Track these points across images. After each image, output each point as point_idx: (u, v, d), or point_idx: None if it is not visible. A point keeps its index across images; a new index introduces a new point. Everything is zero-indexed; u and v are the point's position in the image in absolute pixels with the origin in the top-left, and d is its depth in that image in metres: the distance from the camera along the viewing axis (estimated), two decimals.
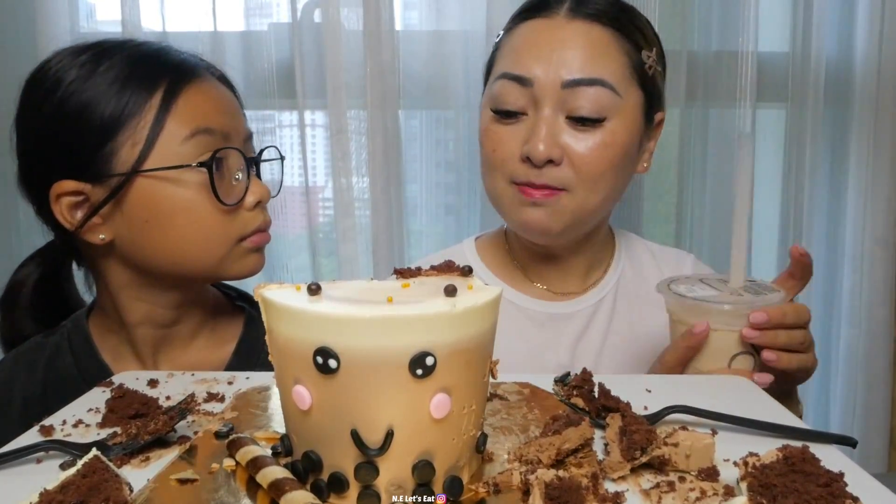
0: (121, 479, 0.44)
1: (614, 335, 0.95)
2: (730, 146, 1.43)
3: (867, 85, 1.41)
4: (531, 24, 0.88)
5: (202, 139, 0.78)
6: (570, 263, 0.96)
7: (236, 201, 0.80)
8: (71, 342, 0.87)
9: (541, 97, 0.83)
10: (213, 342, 0.90)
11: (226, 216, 0.80)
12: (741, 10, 1.38)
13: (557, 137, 0.83)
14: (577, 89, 0.82)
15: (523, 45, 0.87)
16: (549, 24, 0.86)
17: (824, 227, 1.50)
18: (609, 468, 0.48)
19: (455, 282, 0.48)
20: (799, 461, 0.44)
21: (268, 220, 0.85)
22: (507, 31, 0.91)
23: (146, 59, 0.81)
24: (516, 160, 0.85)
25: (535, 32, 0.87)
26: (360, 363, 0.41)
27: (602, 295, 0.96)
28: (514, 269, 0.99)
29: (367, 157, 1.40)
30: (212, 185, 0.77)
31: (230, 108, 0.84)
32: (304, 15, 1.39)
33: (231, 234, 0.81)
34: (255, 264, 0.85)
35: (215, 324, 0.91)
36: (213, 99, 0.82)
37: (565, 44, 0.84)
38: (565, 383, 0.63)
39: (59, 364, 0.86)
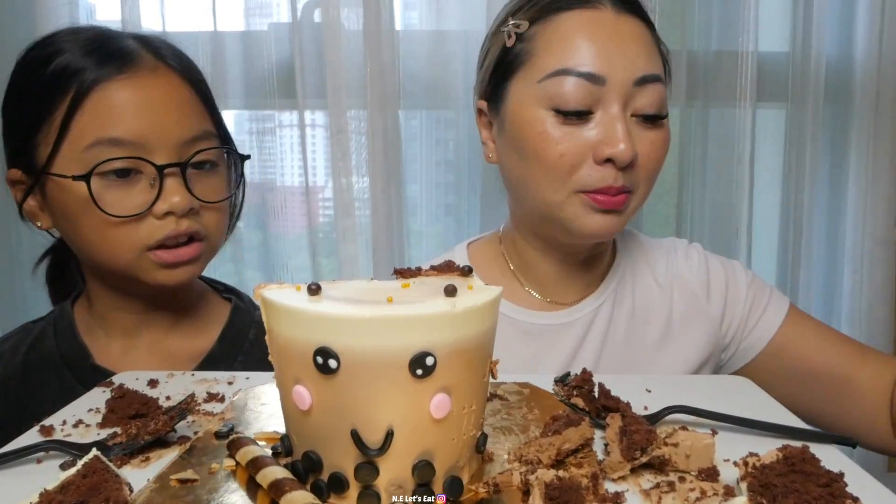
0: (121, 479, 0.44)
1: (612, 342, 0.90)
2: (730, 146, 1.43)
3: (867, 85, 1.41)
4: (577, 14, 0.81)
5: (104, 149, 0.76)
6: (573, 271, 0.92)
7: (139, 211, 0.77)
8: (56, 326, 0.90)
9: (613, 95, 0.78)
10: (195, 330, 0.91)
11: (128, 224, 0.78)
12: (741, 10, 1.38)
13: (632, 137, 0.79)
14: (645, 87, 0.79)
15: (582, 35, 0.79)
16: (598, 16, 0.80)
17: (824, 227, 1.50)
18: (609, 468, 0.48)
19: (455, 282, 0.48)
20: (799, 461, 0.44)
21: (181, 230, 0.79)
22: (538, 20, 0.83)
23: (71, 55, 0.79)
24: (589, 164, 0.79)
25: (589, 25, 0.80)
26: (360, 363, 0.41)
27: (600, 301, 0.91)
28: (509, 277, 0.94)
29: (367, 157, 1.40)
30: (91, 198, 0.76)
31: (157, 109, 0.78)
32: (304, 15, 1.39)
33: (135, 243, 0.79)
34: (167, 279, 0.81)
35: (198, 312, 0.93)
36: (128, 103, 0.77)
37: (625, 38, 0.79)
38: (565, 383, 0.63)
39: (41, 346, 0.89)
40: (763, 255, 1.49)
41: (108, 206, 0.77)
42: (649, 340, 0.90)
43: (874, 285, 1.44)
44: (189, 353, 0.89)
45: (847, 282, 1.48)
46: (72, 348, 0.88)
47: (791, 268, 1.45)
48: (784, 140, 1.45)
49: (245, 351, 0.90)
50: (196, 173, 0.81)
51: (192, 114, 0.82)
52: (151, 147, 0.77)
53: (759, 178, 1.45)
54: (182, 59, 0.85)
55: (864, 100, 1.42)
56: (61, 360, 0.87)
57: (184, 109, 0.81)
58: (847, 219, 1.48)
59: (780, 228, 1.48)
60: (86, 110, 0.76)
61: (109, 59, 0.78)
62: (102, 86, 0.77)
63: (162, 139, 0.78)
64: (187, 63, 0.85)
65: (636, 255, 0.97)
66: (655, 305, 0.92)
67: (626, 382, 0.66)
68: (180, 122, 0.80)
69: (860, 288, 1.46)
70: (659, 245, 0.99)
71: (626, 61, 0.78)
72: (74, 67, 0.77)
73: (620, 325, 0.91)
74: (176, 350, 0.89)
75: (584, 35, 0.79)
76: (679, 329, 0.91)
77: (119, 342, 0.89)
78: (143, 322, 0.88)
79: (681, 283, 0.93)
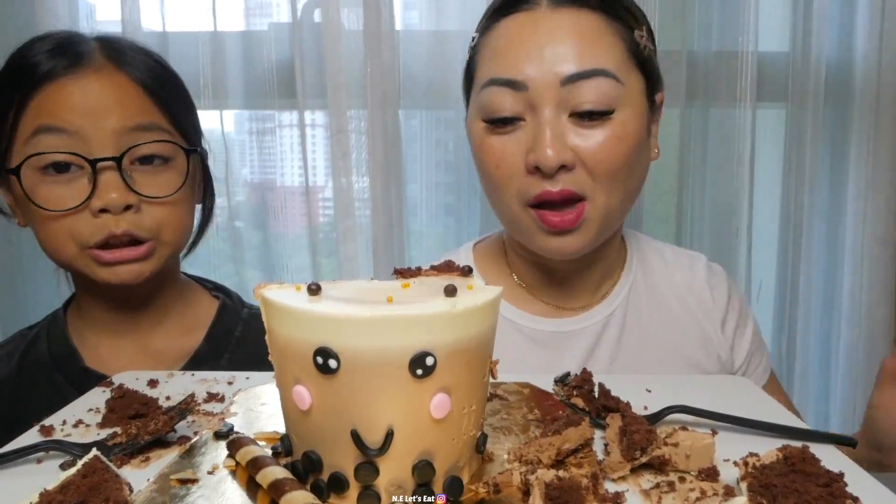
0: (121, 479, 0.44)
1: (624, 351, 0.87)
2: (730, 146, 1.43)
3: (867, 85, 1.41)
4: (511, 20, 0.79)
5: (44, 139, 0.76)
6: (581, 277, 0.88)
7: (72, 206, 0.77)
8: (49, 330, 0.91)
9: (538, 99, 0.75)
10: (181, 328, 0.92)
11: (66, 220, 0.78)
12: (741, 10, 1.38)
13: (565, 139, 0.75)
14: (577, 84, 0.74)
15: (507, 44, 0.78)
16: (531, 17, 0.78)
17: (824, 227, 1.50)
18: (609, 468, 0.48)
19: (455, 282, 0.48)
20: (799, 461, 0.44)
21: (117, 232, 0.78)
22: (484, 31, 0.82)
23: (22, 56, 0.80)
24: (523, 174, 0.77)
25: (518, 28, 0.78)
26: (360, 363, 0.41)
27: (612, 308, 0.88)
28: (514, 283, 0.90)
29: (367, 157, 1.40)
30: (23, 192, 0.77)
31: (97, 104, 0.78)
32: (304, 15, 1.39)
33: (75, 240, 0.79)
34: (110, 277, 0.80)
35: (184, 311, 0.93)
36: (72, 94, 0.77)
37: (555, 36, 0.76)
38: (565, 383, 0.63)
39: (34, 351, 0.90)
40: (763, 255, 1.49)
41: (44, 201, 0.77)
42: (662, 353, 0.87)
43: (874, 285, 1.44)
44: (176, 352, 0.89)
45: (847, 282, 1.48)
46: (62, 351, 0.88)
47: (791, 268, 1.45)
48: (784, 140, 1.45)
49: (231, 349, 0.91)
50: (142, 169, 0.80)
51: (133, 107, 0.80)
52: (88, 138, 0.77)
53: (759, 178, 1.45)
54: (138, 59, 0.83)
55: (864, 100, 1.42)
56: (52, 363, 0.88)
57: (125, 103, 0.79)
58: (847, 219, 1.48)
59: (780, 228, 1.48)
60: (32, 105, 0.78)
61: (60, 58, 0.79)
62: (50, 83, 0.78)
63: (98, 129, 0.77)
64: (142, 62, 0.83)
65: (652, 263, 0.93)
66: (671, 319, 0.89)
67: (626, 382, 0.66)
68: (119, 113, 0.78)
69: (860, 288, 1.46)
70: (682, 256, 0.95)
71: (551, 61, 0.75)
72: (28, 66, 0.79)
73: (633, 335, 0.88)
74: (163, 348, 0.90)
75: (512, 41, 0.78)
76: (693, 348, 0.89)
77: (106, 342, 0.89)
78: (128, 321, 0.89)
79: (700, 303, 0.90)
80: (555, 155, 0.74)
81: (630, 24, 0.79)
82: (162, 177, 0.81)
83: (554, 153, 0.74)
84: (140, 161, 0.80)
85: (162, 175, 0.81)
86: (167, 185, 0.81)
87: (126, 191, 0.78)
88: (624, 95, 0.76)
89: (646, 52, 0.80)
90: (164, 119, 0.82)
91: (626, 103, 0.76)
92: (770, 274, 1.49)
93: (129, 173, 0.79)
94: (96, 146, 0.77)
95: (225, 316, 0.94)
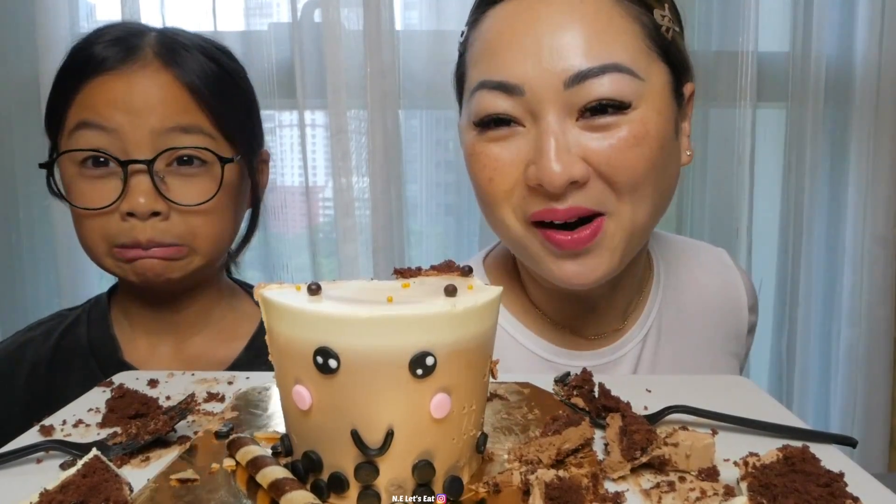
0: (121, 479, 0.44)
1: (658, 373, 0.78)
2: (730, 146, 1.43)
3: (867, 85, 1.41)
4: (502, 8, 0.66)
5: (83, 134, 0.76)
6: (610, 302, 0.75)
7: (102, 205, 0.76)
8: (90, 314, 0.91)
9: (538, 105, 0.63)
10: (221, 336, 0.90)
11: (97, 218, 0.77)
12: (741, 10, 1.38)
13: (573, 149, 0.62)
14: (584, 84, 0.61)
15: (499, 39, 0.65)
16: (525, 4, 0.65)
17: (824, 227, 1.50)
18: (609, 468, 0.48)
19: (455, 282, 0.48)
20: (799, 461, 0.44)
21: (140, 239, 0.76)
22: (473, 23, 0.69)
23: (81, 47, 0.81)
24: (523, 187, 0.65)
25: (510, 18, 0.65)
26: (360, 363, 0.41)
27: (645, 331, 0.77)
28: (533, 310, 0.77)
29: (367, 157, 1.40)
30: (55, 186, 0.79)
31: (139, 102, 0.76)
32: (304, 15, 1.39)
33: (104, 237, 0.78)
34: (132, 276, 0.79)
35: (225, 318, 0.91)
36: (115, 90, 0.76)
37: (555, 25, 0.63)
38: (565, 383, 0.63)
39: (73, 333, 0.89)
40: (763, 255, 1.49)
41: (78, 197, 0.77)
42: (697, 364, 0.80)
43: (874, 285, 1.45)
44: (214, 359, 0.87)
45: (847, 282, 1.48)
46: (102, 339, 0.87)
47: (791, 268, 1.45)
48: (784, 140, 1.46)
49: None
50: (179, 171, 0.78)
51: (175, 107, 0.78)
52: (126, 136, 0.76)
53: (759, 178, 1.45)
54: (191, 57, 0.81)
55: (864, 100, 1.42)
56: (89, 349, 0.87)
57: (167, 102, 0.78)
58: (847, 219, 1.48)
59: (780, 228, 1.48)
60: (78, 99, 0.78)
61: (112, 50, 0.79)
62: (97, 76, 0.77)
63: (137, 128, 0.76)
64: (195, 61, 0.81)
65: (673, 263, 0.82)
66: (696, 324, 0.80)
67: (626, 382, 0.66)
68: (159, 113, 0.77)
69: (860, 288, 1.46)
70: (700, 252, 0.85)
71: (552, 58, 0.62)
72: (83, 57, 0.79)
73: (668, 353, 0.78)
74: (199, 354, 0.88)
75: (503, 34, 0.65)
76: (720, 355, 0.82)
77: (144, 340, 0.88)
78: (165, 323, 0.87)
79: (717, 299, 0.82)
80: (562, 170, 0.61)
81: (649, 2, 0.66)
82: (197, 183, 0.79)
83: (561, 168, 0.61)
84: (178, 163, 0.78)
85: (197, 181, 0.79)
86: (201, 192, 0.78)
87: (155, 196, 0.76)
88: (644, 92, 0.63)
89: (670, 36, 0.67)
90: (207, 122, 0.80)
91: (646, 101, 0.64)
92: (770, 274, 1.49)
93: (161, 176, 0.77)
94: (133, 145, 0.76)
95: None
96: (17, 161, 1.37)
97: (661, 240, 0.86)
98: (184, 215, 0.78)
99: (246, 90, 0.88)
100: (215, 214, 0.80)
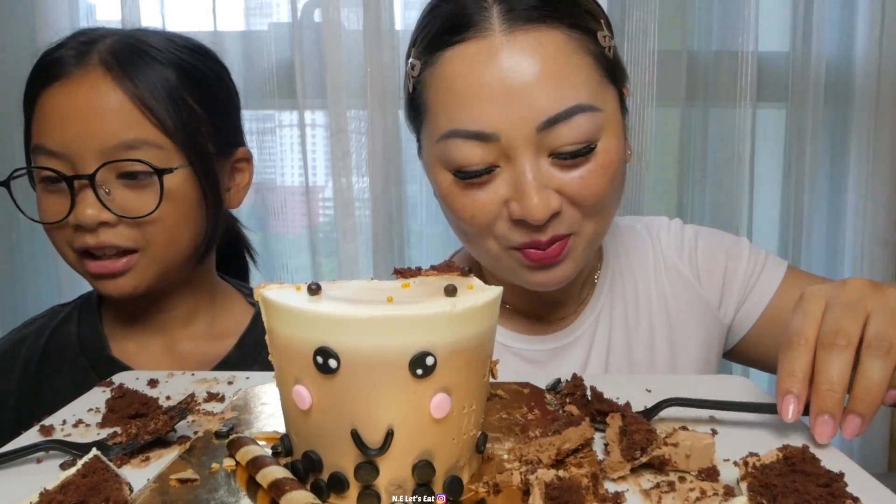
0: (121, 479, 0.44)
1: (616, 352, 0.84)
2: (730, 146, 1.43)
3: (867, 85, 1.41)
4: (462, 51, 0.68)
5: (38, 157, 0.79)
6: (563, 291, 0.82)
7: (55, 220, 0.79)
8: (80, 312, 0.91)
9: (512, 150, 0.67)
10: (211, 334, 0.91)
11: (59, 231, 0.80)
12: (741, 10, 1.38)
13: (549, 185, 0.68)
14: (554, 128, 0.66)
15: (465, 87, 0.67)
16: (486, 46, 0.67)
17: (824, 227, 1.50)
18: (609, 468, 0.48)
19: (455, 282, 0.48)
20: (799, 461, 0.44)
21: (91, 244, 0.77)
22: (429, 62, 0.71)
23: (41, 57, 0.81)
24: (505, 222, 0.70)
25: (474, 65, 0.67)
26: (360, 363, 0.41)
27: (597, 311, 0.85)
28: None
29: (367, 157, 1.41)
30: (14, 203, 0.81)
31: (84, 114, 0.76)
32: (304, 15, 1.39)
33: (68, 245, 0.80)
34: (102, 289, 0.81)
35: (215, 316, 0.92)
36: (59, 108, 0.77)
37: (520, 73, 0.66)
38: (557, 391, 0.62)
39: (63, 331, 0.90)
40: None
41: (39, 212, 0.81)
42: (651, 342, 0.85)
43: None
44: (204, 357, 0.88)
45: None
46: (91, 336, 0.89)
47: None
48: (784, 140, 1.46)
49: (262, 360, 0.89)
50: (126, 184, 0.78)
51: (119, 122, 0.77)
52: (75, 156, 0.76)
53: (759, 178, 1.45)
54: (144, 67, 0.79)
55: (864, 100, 1.42)
56: (79, 347, 0.88)
57: (111, 118, 0.76)
58: (847, 219, 1.48)
59: (780, 228, 1.48)
60: (37, 112, 0.79)
61: (50, 65, 0.79)
62: (44, 93, 0.79)
63: (83, 145, 0.76)
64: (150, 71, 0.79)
65: (621, 248, 0.88)
66: (651, 301, 0.86)
67: (626, 383, 0.66)
68: (104, 130, 0.76)
69: None
70: (643, 229, 0.89)
71: (522, 106, 0.66)
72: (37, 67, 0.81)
73: (620, 332, 0.85)
74: (189, 352, 0.89)
75: (469, 83, 0.67)
76: (678, 323, 0.85)
77: (133, 338, 0.89)
78: (153, 320, 0.89)
79: (671, 270, 0.86)
80: (543, 206, 0.67)
81: (592, 26, 0.70)
82: (142, 194, 0.78)
83: (541, 202, 0.67)
84: (125, 176, 0.77)
85: (142, 192, 0.78)
86: (145, 203, 0.78)
87: (100, 208, 0.76)
88: (604, 122, 0.69)
89: (612, 54, 0.72)
90: (155, 131, 0.78)
91: (606, 130, 0.69)
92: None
93: (107, 189, 0.77)
94: (80, 161, 0.76)
95: (260, 324, 0.91)
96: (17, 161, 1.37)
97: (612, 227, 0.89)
98: (133, 225, 0.78)
99: (217, 92, 0.86)
100: (165, 222, 0.80)
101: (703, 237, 0.88)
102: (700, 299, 0.86)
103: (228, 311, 0.93)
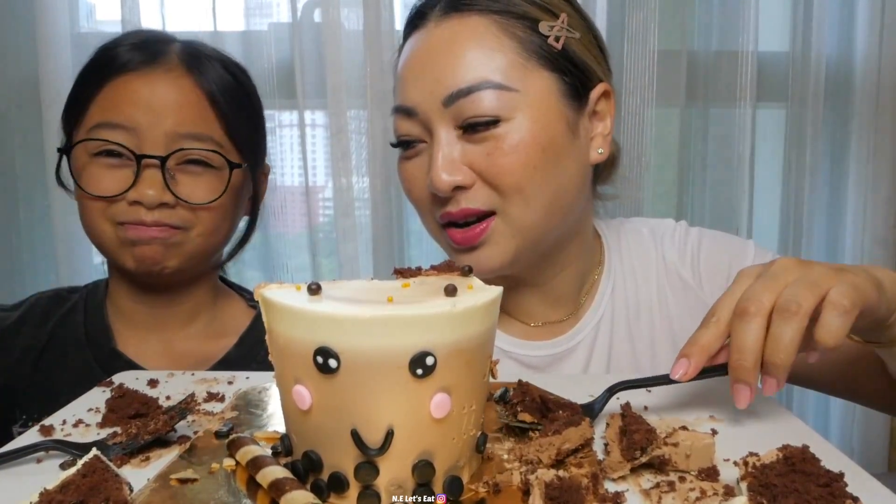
0: (121, 479, 0.44)
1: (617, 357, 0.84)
2: (730, 146, 1.43)
3: (867, 85, 1.41)
4: (413, 38, 0.77)
5: (101, 131, 0.80)
6: (554, 287, 0.82)
7: (111, 194, 0.80)
8: (87, 302, 0.92)
9: (428, 123, 0.73)
10: (209, 334, 0.92)
11: (102, 204, 0.81)
12: (741, 10, 1.38)
13: (458, 158, 0.72)
14: (459, 102, 0.71)
15: (402, 68, 0.77)
16: (422, 34, 0.76)
17: (824, 227, 1.50)
18: (609, 468, 0.48)
19: (455, 282, 0.48)
20: (799, 461, 0.44)
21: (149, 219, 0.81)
22: (399, 52, 0.81)
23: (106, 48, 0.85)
24: (430, 195, 0.75)
25: (411, 50, 0.76)
26: (360, 363, 0.41)
27: (598, 316, 0.84)
28: None
29: (367, 157, 1.40)
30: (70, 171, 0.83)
31: (157, 104, 0.81)
32: (304, 15, 1.39)
33: (108, 219, 0.82)
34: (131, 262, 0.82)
35: (215, 317, 0.93)
36: (138, 90, 0.81)
37: (434, 53, 0.73)
38: (506, 401, 0.59)
39: (70, 320, 0.91)
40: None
41: (87, 183, 0.81)
42: (653, 347, 0.84)
43: None
44: (204, 356, 0.89)
45: None
46: (97, 328, 0.90)
47: None
48: (784, 140, 1.46)
49: (261, 359, 0.90)
50: (187, 170, 0.82)
51: (191, 113, 0.83)
52: (142, 134, 0.80)
53: (759, 178, 1.45)
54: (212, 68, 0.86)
55: (864, 100, 1.42)
56: (85, 338, 0.89)
57: (185, 108, 0.82)
58: (847, 219, 1.48)
59: (780, 228, 1.48)
60: (99, 98, 0.82)
61: (137, 53, 0.83)
62: (120, 76, 0.82)
63: (153, 127, 0.80)
64: (216, 73, 0.86)
65: (624, 251, 0.88)
66: (653, 307, 0.85)
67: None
68: (176, 117, 0.81)
69: None
70: (648, 233, 0.89)
71: (432, 82, 0.72)
72: (107, 58, 0.83)
73: (621, 337, 0.84)
74: (187, 351, 0.90)
75: (405, 64, 0.77)
76: (681, 329, 0.84)
77: (135, 333, 0.90)
78: (154, 318, 0.90)
79: (673, 275, 0.85)
80: (447, 178, 0.72)
81: (534, 16, 0.73)
82: (204, 182, 0.83)
83: (446, 176, 0.72)
84: (191, 162, 0.82)
85: (204, 180, 0.83)
86: (208, 191, 0.83)
87: (164, 189, 0.80)
88: (519, 103, 0.71)
89: (560, 44, 0.73)
90: (220, 131, 0.84)
91: (522, 110, 0.71)
92: None
93: (172, 173, 0.81)
94: (148, 143, 0.80)
95: (260, 325, 0.92)
96: (18, 161, 1.37)
97: (614, 226, 0.90)
98: (189, 209, 0.83)
99: (256, 107, 0.92)
100: (216, 212, 0.85)
101: (708, 240, 0.87)
102: (702, 304, 0.84)
103: (228, 312, 0.95)
